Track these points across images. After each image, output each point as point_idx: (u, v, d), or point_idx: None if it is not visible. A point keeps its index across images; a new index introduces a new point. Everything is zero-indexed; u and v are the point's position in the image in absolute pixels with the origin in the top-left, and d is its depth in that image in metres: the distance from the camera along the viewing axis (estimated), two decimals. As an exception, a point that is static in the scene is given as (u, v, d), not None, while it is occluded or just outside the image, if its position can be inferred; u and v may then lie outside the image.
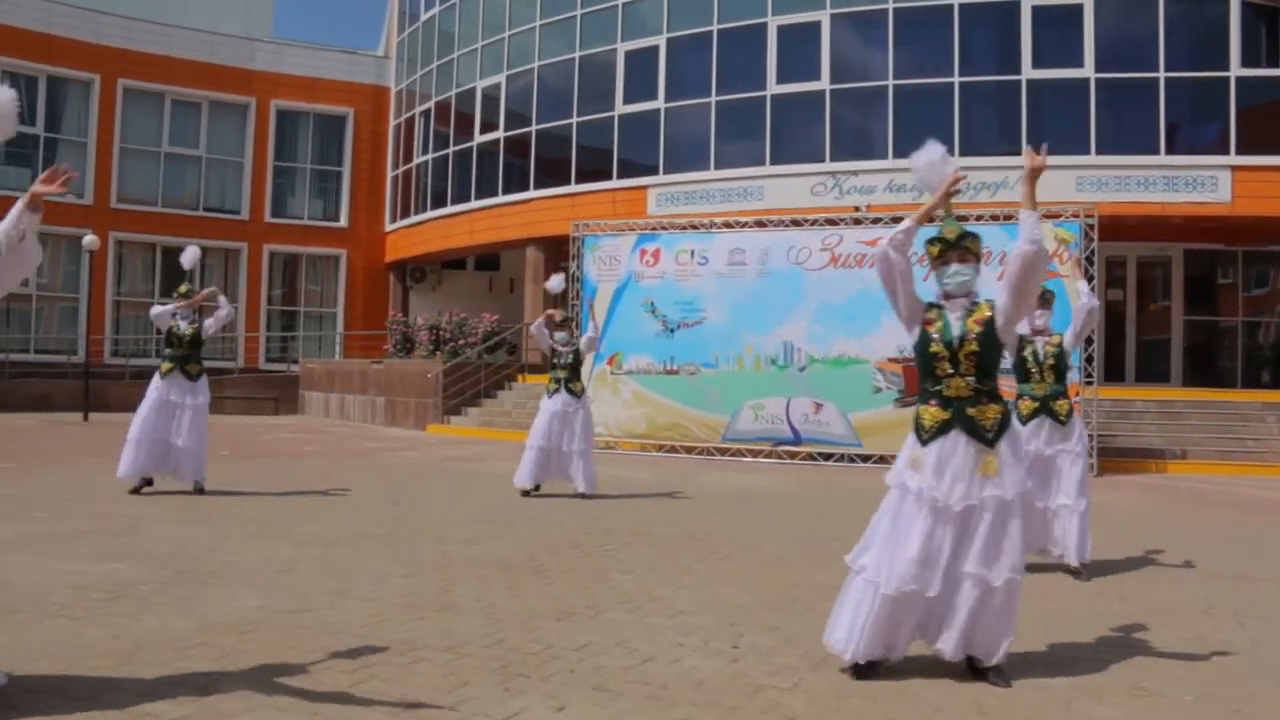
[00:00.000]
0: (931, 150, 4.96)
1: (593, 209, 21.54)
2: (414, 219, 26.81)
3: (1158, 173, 17.62)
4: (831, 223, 15.89)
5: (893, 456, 14.42)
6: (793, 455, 15.56)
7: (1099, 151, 17.91)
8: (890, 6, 18.79)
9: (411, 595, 5.52)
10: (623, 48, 21.46)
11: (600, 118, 21.74)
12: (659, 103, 20.90)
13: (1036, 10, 18.13)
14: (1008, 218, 15.33)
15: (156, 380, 9.53)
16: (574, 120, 22.13)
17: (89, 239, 20.54)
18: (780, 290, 15.62)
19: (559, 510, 9.30)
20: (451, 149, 25.27)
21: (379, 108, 28.49)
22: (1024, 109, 18.21)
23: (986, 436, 4.27)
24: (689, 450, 16.04)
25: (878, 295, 14.99)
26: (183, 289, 9.91)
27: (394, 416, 21.64)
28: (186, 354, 9.63)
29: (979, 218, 15.56)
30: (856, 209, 18.22)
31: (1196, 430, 16.26)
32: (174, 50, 26.19)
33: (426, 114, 26.54)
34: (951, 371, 4.36)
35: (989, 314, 4.39)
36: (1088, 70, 17.95)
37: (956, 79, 18.49)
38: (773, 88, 19.69)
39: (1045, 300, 6.88)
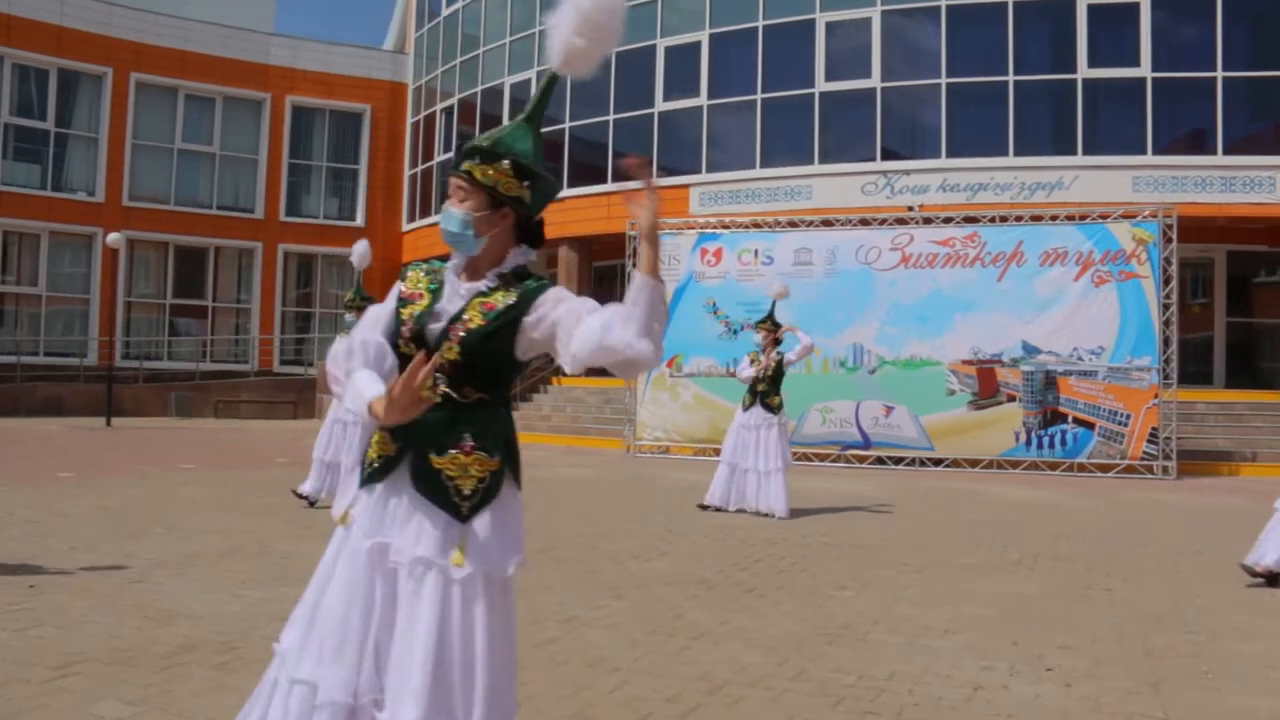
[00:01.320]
0: None
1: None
2: (435, 218, 26.22)
3: (1215, 173, 17.43)
4: (901, 222, 15.58)
5: (966, 461, 14.14)
6: (861, 459, 15.22)
7: (1155, 152, 17.69)
8: (943, 3, 18.50)
9: (645, 621, 5.08)
10: (662, 44, 21.05)
11: (638, 115, 21.31)
12: (701, 100, 20.50)
13: (1092, 9, 17.89)
14: (1068, 217, 15.12)
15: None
16: (610, 118, 21.69)
17: (114, 237, 19.84)
18: (849, 291, 15.28)
19: (690, 522, 8.89)
20: (478, 146, 24.70)
21: (396, 104, 27.89)
22: (1079, 109, 17.97)
23: None
24: (752, 455, 15.63)
25: (951, 296, 14.73)
26: (349, 296, 9.47)
27: (425, 420, 21.08)
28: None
29: (1036, 218, 15.32)
30: (910, 209, 17.94)
31: (1263, 433, 16.07)
32: (188, 44, 25.47)
33: (449, 111, 25.99)
34: None
35: None
36: (1144, 70, 17.74)
37: (1011, 77, 18.23)
38: (821, 85, 19.35)
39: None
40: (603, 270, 22.99)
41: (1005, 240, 14.81)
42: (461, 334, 2.34)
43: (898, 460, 15.07)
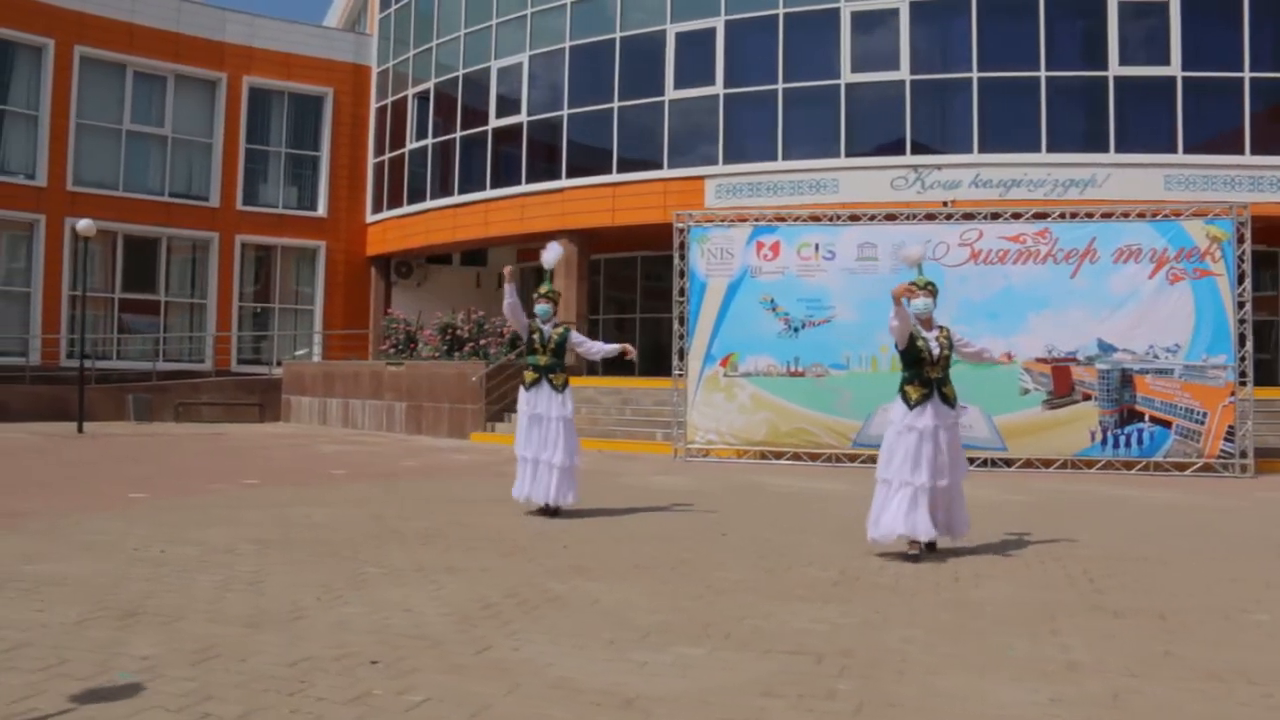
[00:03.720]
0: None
1: (638, 199, 20.28)
2: (406, 209, 24.80)
3: (1243, 173, 17.61)
4: (969, 217, 15.17)
5: (1041, 461, 13.68)
6: (929, 461, 14.73)
7: (1186, 150, 17.77)
8: (972, -4, 18.23)
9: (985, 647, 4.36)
10: (672, 29, 20.20)
11: (645, 103, 20.44)
12: (717, 89, 19.75)
13: (1123, 6, 17.87)
14: (1105, 215, 14.98)
15: (522, 394, 8.80)
16: (615, 105, 20.73)
17: (84, 224, 17.91)
18: (916, 287, 14.76)
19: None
20: (459, 134, 23.44)
21: (360, 89, 26.29)
22: (1111, 106, 17.92)
23: None
24: (813, 457, 15.03)
25: (1023, 293, 14.34)
26: (544, 289, 8.82)
27: (420, 424, 19.82)
28: (551, 363, 8.68)
29: (1073, 215, 15.11)
30: (944, 204, 17.62)
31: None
32: (137, 16, 23.43)
33: (424, 96, 24.56)
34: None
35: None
36: (1174, 68, 17.80)
37: (1043, 73, 18.05)
38: (847, 76, 18.84)
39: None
40: (613, 262, 22.08)
41: (1077, 237, 14.54)
42: None
43: (969, 460, 14.62)
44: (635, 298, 24.17)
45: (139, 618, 4.78)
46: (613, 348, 9.20)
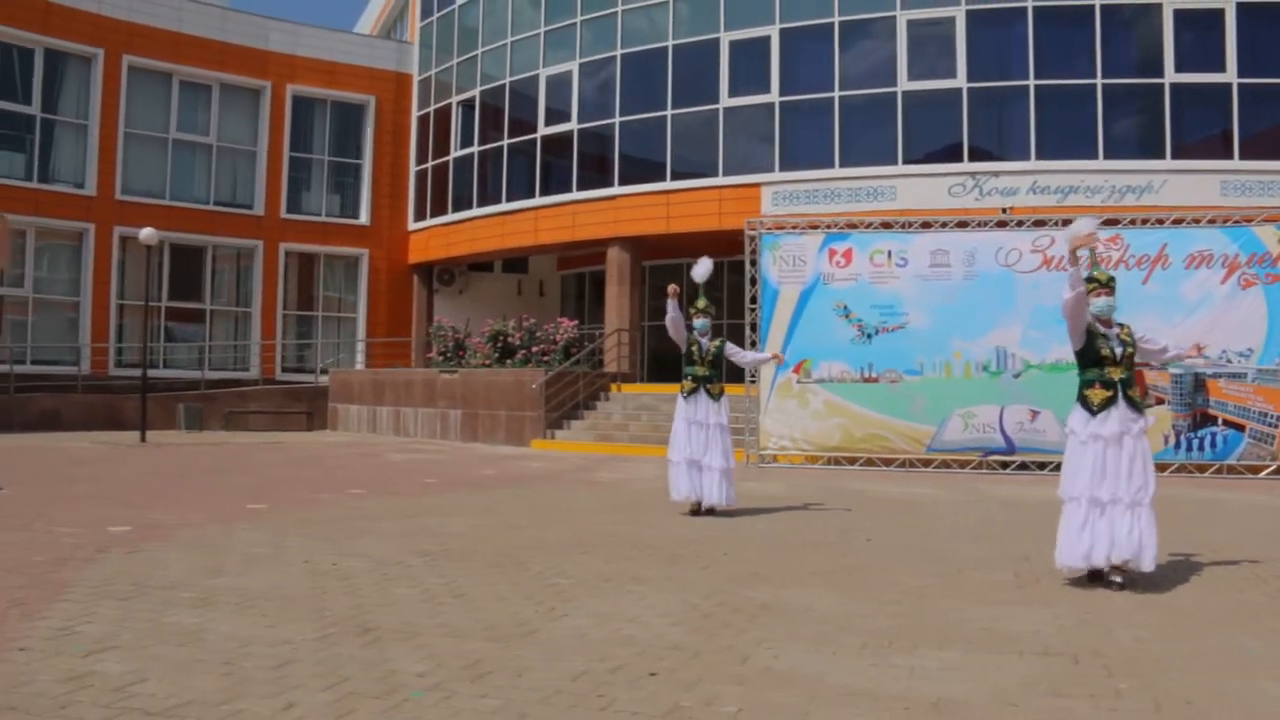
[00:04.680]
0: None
1: (693, 206, 20.39)
2: (451, 217, 24.90)
3: (1300, 178, 17.75)
4: (1039, 224, 15.29)
5: None
6: (1004, 465, 14.86)
7: (1242, 156, 17.91)
8: (1030, 4, 18.36)
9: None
10: (726, 37, 20.34)
11: (699, 111, 20.55)
12: (772, 96, 19.87)
13: (1179, 14, 18.02)
14: (1159, 221, 15.11)
15: (680, 402, 9.36)
16: (668, 112, 20.86)
17: (147, 233, 17.97)
18: (990, 293, 14.89)
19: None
20: (506, 141, 23.53)
21: (401, 96, 26.40)
22: (1167, 113, 18.06)
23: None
24: (886, 462, 15.14)
25: (1095, 299, 14.33)
26: (700, 304, 9.46)
27: (476, 431, 19.91)
28: (709, 374, 9.25)
29: (1131, 221, 15.24)
30: (1003, 210, 17.73)
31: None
32: (183, 26, 23.54)
33: (469, 104, 24.67)
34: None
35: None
36: (1230, 75, 17.95)
37: (1099, 80, 18.20)
38: (904, 84, 18.98)
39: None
40: (654, 270, 22.16)
41: (1149, 243, 14.67)
42: None
43: (1042, 465, 14.76)
44: (683, 305, 24.19)
45: (376, 633, 4.82)
46: (763, 356, 9.91)
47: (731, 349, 9.69)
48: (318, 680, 4.03)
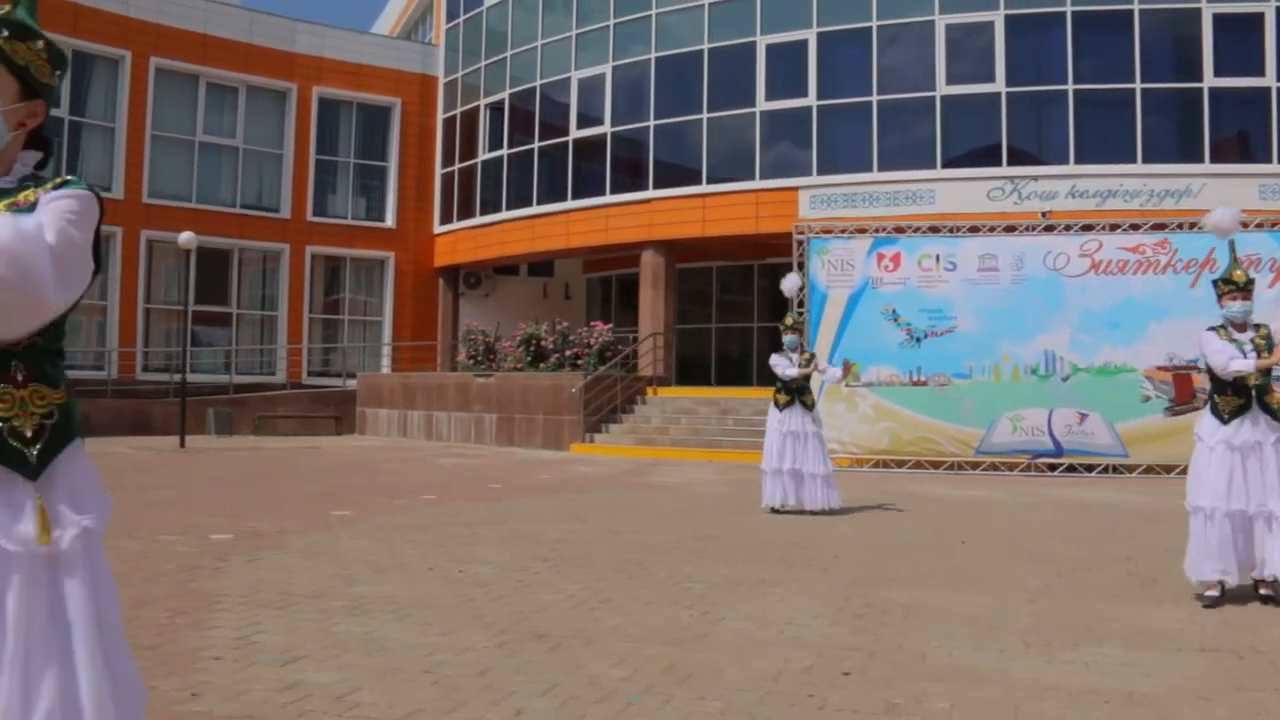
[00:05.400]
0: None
1: (729, 210, 20.42)
2: (478, 220, 24.87)
3: (1338, 183, 17.84)
4: (1087, 228, 15.36)
5: (1161, 467, 13.63)
6: (1052, 467, 14.91)
7: (1280, 160, 18.01)
8: (1069, 9, 18.42)
9: None
10: (763, 40, 20.37)
11: (736, 114, 20.58)
12: (810, 100, 19.90)
13: (1217, 18, 18.11)
14: (1192, 225, 15.19)
15: (774, 412, 9.81)
16: (704, 116, 20.87)
17: (186, 237, 17.92)
18: (1037, 297, 14.96)
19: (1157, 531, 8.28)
20: (536, 144, 23.53)
21: (426, 99, 26.37)
22: (1206, 117, 18.14)
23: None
24: (935, 465, 15.18)
25: (1143, 303, 14.46)
26: (789, 321, 10.04)
27: (512, 436, 19.88)
28: (800, 386, 9.73)
29: (1166, 225, 15.33)
30: (1042, 215, 17.79)
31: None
32: (210, 28, 23.48)
33: (497, 107, 24.66)
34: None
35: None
36: (1269, 79, 18.04)
37: (1138, 85, 18.27)
38: (942, 89, 19.03)
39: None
40: (688, 273, 22.18)
41: (1196, 247, 14.74)
42: None
43: (1089, 468, 14.83)
44: (711, 309, 24.27)
45: (552, 640, 4.77)
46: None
47: (820, 364, 10.34)
48: (529, 687, 4.02)
